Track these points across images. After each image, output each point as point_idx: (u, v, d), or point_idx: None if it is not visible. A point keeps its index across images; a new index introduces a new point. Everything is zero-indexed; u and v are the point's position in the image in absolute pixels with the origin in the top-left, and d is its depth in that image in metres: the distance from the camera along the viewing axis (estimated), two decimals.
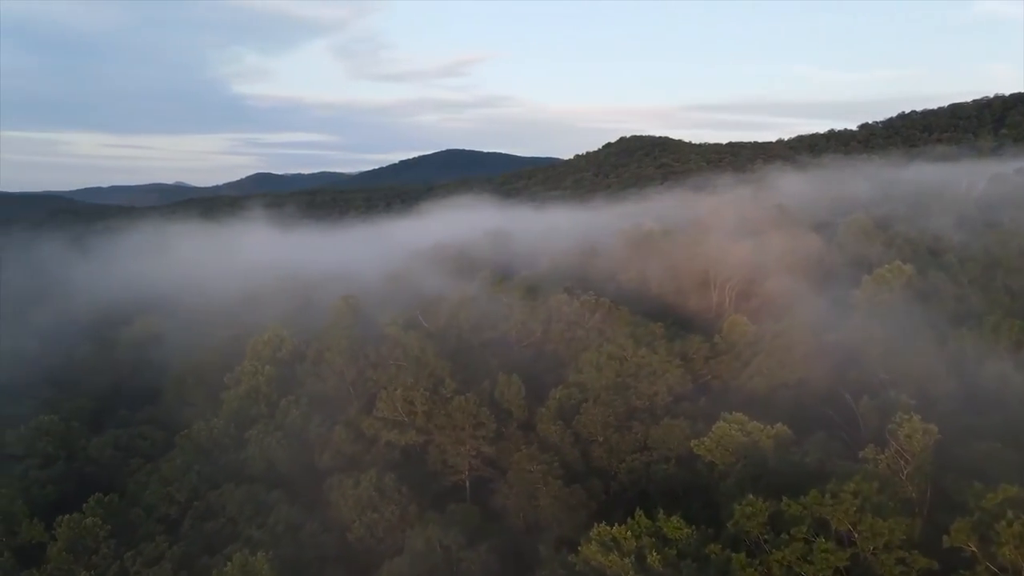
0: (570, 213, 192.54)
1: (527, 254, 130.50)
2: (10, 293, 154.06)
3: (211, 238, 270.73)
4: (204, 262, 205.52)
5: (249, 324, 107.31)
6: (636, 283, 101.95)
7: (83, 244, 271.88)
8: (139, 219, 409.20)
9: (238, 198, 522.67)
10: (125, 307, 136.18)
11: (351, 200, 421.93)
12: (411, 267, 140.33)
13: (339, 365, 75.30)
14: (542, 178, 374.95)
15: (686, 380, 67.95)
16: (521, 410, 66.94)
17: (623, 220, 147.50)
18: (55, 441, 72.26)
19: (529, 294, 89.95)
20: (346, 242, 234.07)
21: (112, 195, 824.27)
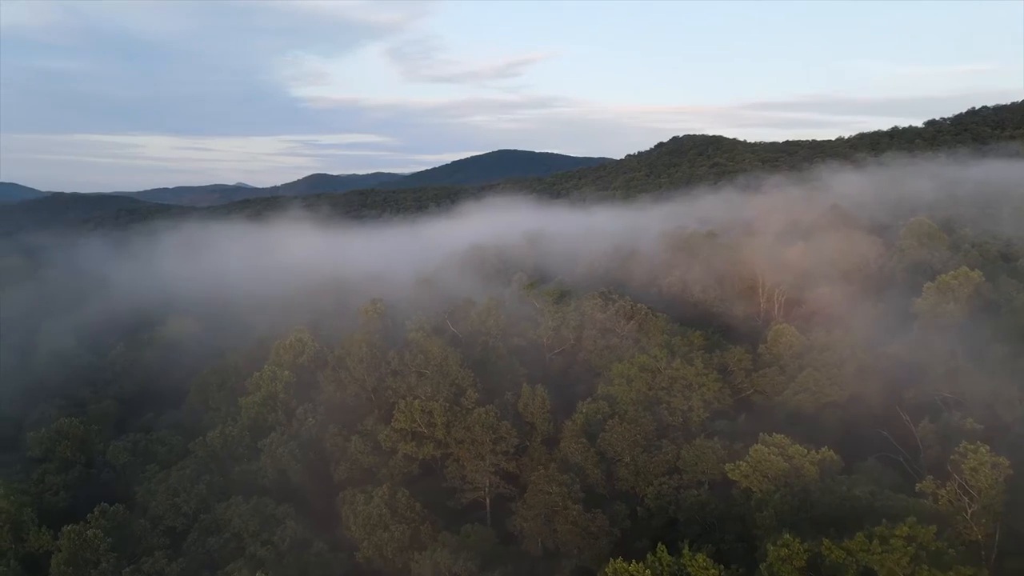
0: (616, 214, 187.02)
1: (567, 256, 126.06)
2: (62, 291, 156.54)
3: (260, 238, 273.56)
4: (250, 262, 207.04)
5: (280, 326, 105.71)
6: (678, 288, 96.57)
7: (140, 243, 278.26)
8: (196, 219, 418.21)
9: (291, 199, 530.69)
10: (166, 306, 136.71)
11: (401, 201, 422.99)
12: (447, 269, 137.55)
13: (359, 372, 72.27)
14: (592, 178, 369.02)
15: (724, 395, 62.74)
16: (546, 424, 62.73)
17: (669, 221, 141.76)
18: (74, 445, 71.03)
19: (562, 299, 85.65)
20: (391, 243, 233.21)
21: (177, 195, 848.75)
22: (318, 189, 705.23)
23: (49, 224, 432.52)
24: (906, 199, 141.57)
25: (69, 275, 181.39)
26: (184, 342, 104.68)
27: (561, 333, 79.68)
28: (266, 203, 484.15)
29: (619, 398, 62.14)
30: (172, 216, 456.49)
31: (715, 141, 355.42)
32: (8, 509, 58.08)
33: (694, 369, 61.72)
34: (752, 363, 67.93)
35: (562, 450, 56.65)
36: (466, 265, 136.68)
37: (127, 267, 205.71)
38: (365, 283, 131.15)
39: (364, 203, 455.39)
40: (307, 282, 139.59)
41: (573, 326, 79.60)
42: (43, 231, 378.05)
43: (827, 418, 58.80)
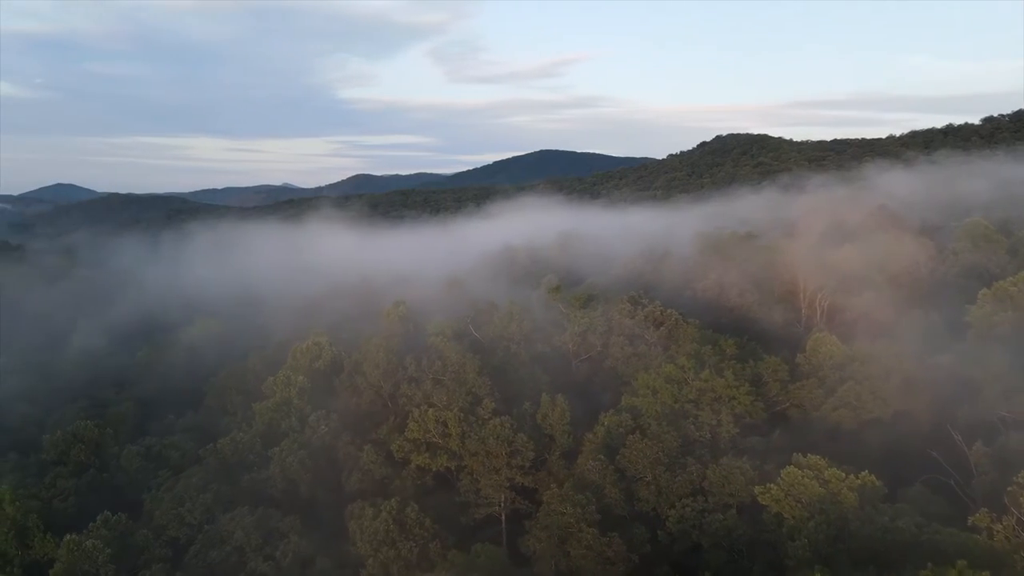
0: (654, 215, 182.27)
1: (601, 258, 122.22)
2: (100, 290, 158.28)
3: (298, 238, 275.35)
4: (285, 262, 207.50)
5: (305, 328, 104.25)
6: (713, 292, 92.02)
7: (183, 243, 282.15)
8: (239, 219, 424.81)
9: (332, 199, 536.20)
10: (198, 305, 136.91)
11: (440, 201, 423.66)
12: (479, 270, 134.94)
13: (375, 378, 69.80)
14: (633, 178, 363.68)
15: (757, 408, 58.49)
16: (566, 436, 59.28)
17: (707, 222, 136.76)
18: (88, 448, 69.90)
19: (589, 303, 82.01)
20: (427, 243, 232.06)
21: (224, 196, 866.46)
22: (361, 189, 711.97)
23: (103, 224, 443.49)
24: (960, 199, 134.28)
25: (109, 274, 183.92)
26: (210, 343, 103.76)
27: (587, 339, 76.12)
28: (308, 203, 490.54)
29: (643, 411, 58.40)
30: (217, 216, 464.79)
31: (760, 140, 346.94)
32: (13, 515, 56.91)
33: (724, 381, 57.62)
34: (789, 374, 63.46)
35: (579, 467, 53.11)
36: (498, 266, 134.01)
37: (167, 266, 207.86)
38: (396, 284, 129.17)
39: (404, 203, 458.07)
40: (337, 283, 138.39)
41: (600, 332, 75.98)
42: (96, 230, 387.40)
43: (869, 436, 54.23)
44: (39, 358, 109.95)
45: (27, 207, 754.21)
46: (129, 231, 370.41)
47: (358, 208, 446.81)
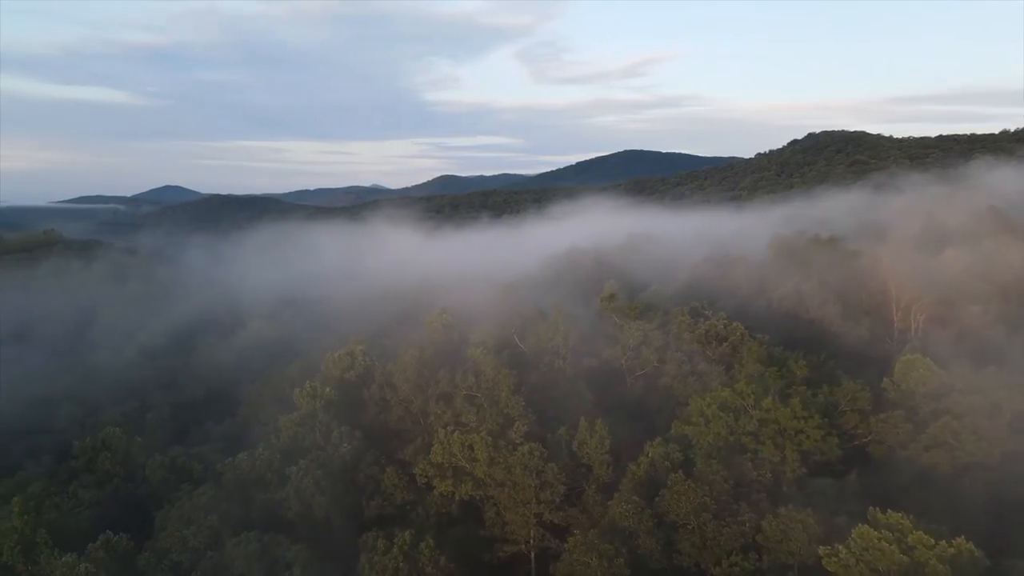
0: (736, 216, 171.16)
1: (670, 262, 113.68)
2: (173, 290, 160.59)
3: (375, 238, 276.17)
4: (357, 262, 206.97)
5: (353, 332, 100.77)
6: (790, 302, 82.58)
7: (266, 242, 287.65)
8: (324, 219, 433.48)
9: (415, 199, 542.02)
10: (263, 306, 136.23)
11: (520, 201, 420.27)
12: (541, 273, 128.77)
13: (405, 392, 64.51)
14: (718, 178, 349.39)
15: (830, 444, 49.78)
16: (604, 467, 52.26)
17: (791, 224, 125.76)
18: (115, 456, 67.51)
19: (645, 313, 74.34)
20: (500, 244, 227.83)
21: (317, 197, 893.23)
22: (447, 190, 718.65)
23: (203, 224, 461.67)
24: None
25: (187, 273, 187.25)
26: (260, 346, 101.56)
27: (642, 354, 68.57)
28: (391, 204, 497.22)
29: (694, 441, 50.74)
30: (305, 216, 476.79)
31: (856, 137, 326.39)
32: (21, 528, 54.43)
33: (790, 410, 49.25)
34: (871, 403, 54.27)
35: (612, 509, 46.01)
36: (562, 270, 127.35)
37: (244, 266, 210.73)
38: (456, 287, 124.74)
39: (484, 204, 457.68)
40: (398, 285, 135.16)
41: (656, 346, 68.29)
42: (194, 230, 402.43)
43: (969, 486, 44.92)
44: (98, 357, 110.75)
45: (138, 208, 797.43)
46: (224, 231, 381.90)
47: (438, 209, 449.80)
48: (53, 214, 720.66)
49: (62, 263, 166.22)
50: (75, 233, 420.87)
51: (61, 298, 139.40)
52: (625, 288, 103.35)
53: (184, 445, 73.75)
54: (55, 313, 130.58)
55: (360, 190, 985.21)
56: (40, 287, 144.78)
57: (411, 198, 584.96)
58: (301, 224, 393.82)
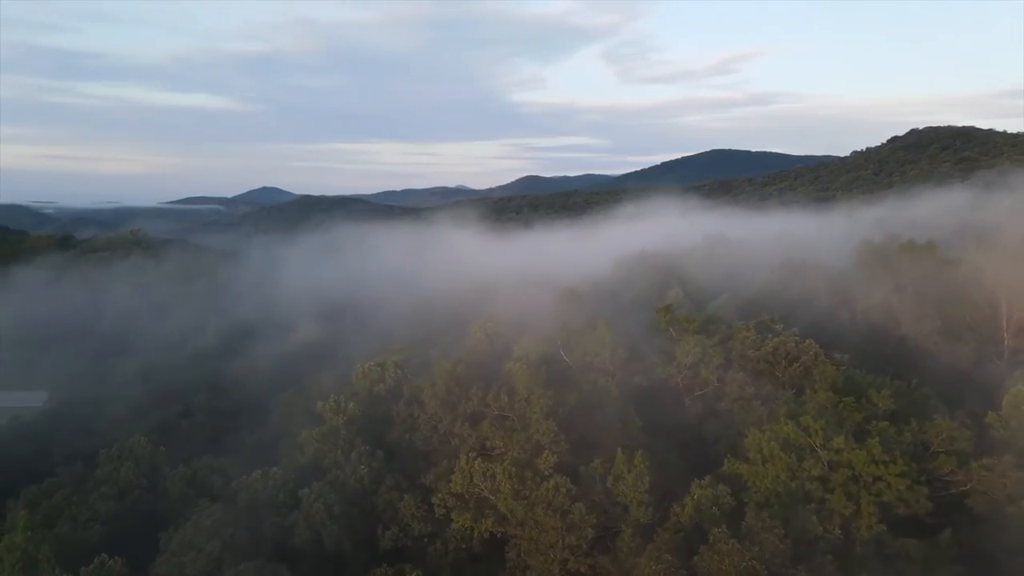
0: (825, 218, 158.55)
1: (744, 267, 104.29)
2: (241, 289, 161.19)
3: (450, 238, 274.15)
4: (428, 262, 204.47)
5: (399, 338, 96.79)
6: (878, 316, 72.73)
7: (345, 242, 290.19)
8: (407, 220, 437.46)
9: (498, 199, 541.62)
10: (323, 307, 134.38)
11: (601, 202, 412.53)
12: (608, 277, 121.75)
13: (433, 409, 59.04)
14: (809, 178, 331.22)
15: (918, 495, 41.05)
16: (642, 509, 45.14)
17: (884, 227, 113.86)
18: (138, 468, 64.81)
19: (706, 327, 66.39)
20: (573, 245, 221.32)
21: (403, 197, 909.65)
22: (530, 190, 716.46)
23: (294, 224, 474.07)
24: None
25: (258, 274, 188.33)
26: (308, 350, 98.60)
27: (700, 373, 60.80)
28: (473, 204, 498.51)
29: (749, 483, 43.03)
30: (390, 217, 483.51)
31: (965, 133, 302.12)
32: (23, 545, 51.90)
33: (867, 452, 40.85)
34: (973, 443, 45.01)
35: (641, 569, 38.91)
36: (630, 274, 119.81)
37: (315, 266, 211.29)
38: (518, 290, 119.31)
39: (565, 204, 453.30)
40: (458, 288, 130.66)
41: (716, 365, 60.38)
42: (283, 230, 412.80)
43: None
44: (155, 358, 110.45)
45: (236, 208, 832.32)
46: (309, 231, 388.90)
47: (518, 209, 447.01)
48: (161, 214, 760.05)
49: (139, 263, 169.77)
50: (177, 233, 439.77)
51: (129, 297, 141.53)
52: (692, 296, 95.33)
53: (214, 455, 70.54)
54: (119, 312, 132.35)
55: (445, 191, 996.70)
56: (110, 286, 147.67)
57: (492, 199, 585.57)
58: (382, 225, 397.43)
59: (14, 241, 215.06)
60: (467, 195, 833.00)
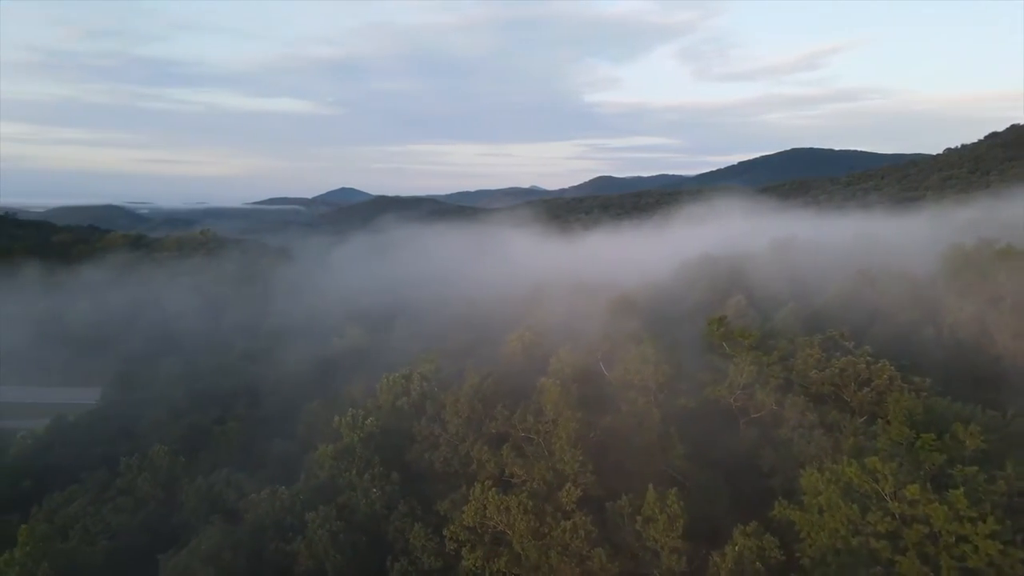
0: (912, 220, 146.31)
1: (817, 273, 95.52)
2: (298, 290, 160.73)
3: (517, 239, 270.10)
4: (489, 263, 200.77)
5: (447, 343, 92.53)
6: (969, 332, 63.84)
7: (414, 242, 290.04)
8: (474, 220, 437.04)
9: (569, 200, 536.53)
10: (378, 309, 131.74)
11: (673, 203, 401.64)
12: (668, 281, 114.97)
13: (455, 428, 54.09)
14: (897, 177, 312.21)
15: (1012, 562, 33.49)
16: (675, 558, 38.88)
17: (979, 230, 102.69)
18: (155, 478, 62.32)
19: (766, 341, 59.20)
20: (639, 246, 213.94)
21: (476, 198, 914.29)
22: (603, 191, 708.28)
23: (367, 224, 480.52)
24: None
25: (320, 274, 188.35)
26: (350, 356, 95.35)
27: (755, 395, 53.84)
28: (543, 205, 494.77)
29: (801, 535, 36.30)
30: (462, 217, 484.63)
31: None
32: (22, 561, 49.53)
33: (948, 506, 33.55)
34: None
35: None
36: (693, 278, 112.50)
37: (378, 266, 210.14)
38: (574, 294, 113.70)
39: (636, 205, 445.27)
40: (514, 291, 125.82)
41: (774, 386, 53.34)
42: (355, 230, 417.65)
43: None
44: (203, 359, 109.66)
45: (316, 208, 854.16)
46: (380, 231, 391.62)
47: (588, 210, 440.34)
48: (244, 215, 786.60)
49: (202, 262, 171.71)
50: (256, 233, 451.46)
51: (187, 297, 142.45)
52: (757, 304, 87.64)
53: (238, 466, 67.61)
54: (176, 311, 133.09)
55: (518, 191, 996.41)
56: (170, 286, 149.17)
57: (563, 200, 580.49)
58: (450, 225, 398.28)
59: (93, 240, 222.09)
60: (540, 195, 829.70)
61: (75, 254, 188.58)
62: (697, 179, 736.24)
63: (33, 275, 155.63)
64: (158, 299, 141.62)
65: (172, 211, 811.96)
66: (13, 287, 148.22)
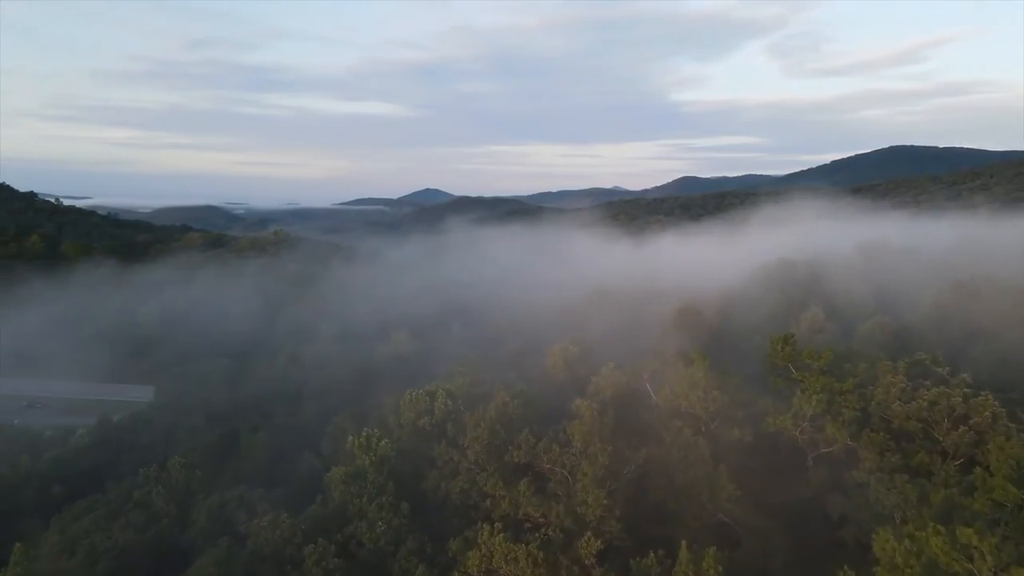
0: (1019, 224, 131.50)
1: (909, 284, 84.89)
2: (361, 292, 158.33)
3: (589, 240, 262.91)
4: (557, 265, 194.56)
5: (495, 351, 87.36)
6: None
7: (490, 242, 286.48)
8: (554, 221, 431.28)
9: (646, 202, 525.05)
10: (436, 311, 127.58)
11: (757, 204, 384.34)
12: (740, 288, 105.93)
13: (475, 455, 48.20)
14: (1009, 175, 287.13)
15: None
16: None
17: None
18: (169, 493, 59.06)
19: (840, 365, 50.73)
20: (713, 249, 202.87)
21: (558, 199, 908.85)
22: (686, 191, 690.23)
23: (446, 224, 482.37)
24: None
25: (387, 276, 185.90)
26: (392, 363, 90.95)
27: (826, 428, 45.77)
28: (623, 205, 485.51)
29: None
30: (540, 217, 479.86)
31: None
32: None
33: None
34: None
35: None
36: (766, 286, 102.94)
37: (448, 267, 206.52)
38: (635, 300, 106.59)
39: (719, 205, 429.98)
40: (577, 295, 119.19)
41: (848, 418, 45.13)
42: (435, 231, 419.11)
43: None
44: (257, 362, 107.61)
45: (400, 209, 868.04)
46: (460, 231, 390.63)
47: (668, 211, 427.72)
48: (332, 215, 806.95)
49: (269, 263, 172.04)
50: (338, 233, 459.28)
51: (248, 296, 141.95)
52: (837, 316, 78.26)
53: (262, 480, 63.84)
54: (235, 311, 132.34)
55: (600, 192, 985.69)
56: (234, 286, 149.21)
57: (644, 200, 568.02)
58: (527, 225, 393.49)
59: (172, 240, 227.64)
60: (623, 196, 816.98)
61: (152, 253, 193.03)
62: (785, 179, 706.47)
63: (107, 273, 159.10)
64: (220, 299, 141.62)
65: (265, 211, 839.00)
66: (86, 284, 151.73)
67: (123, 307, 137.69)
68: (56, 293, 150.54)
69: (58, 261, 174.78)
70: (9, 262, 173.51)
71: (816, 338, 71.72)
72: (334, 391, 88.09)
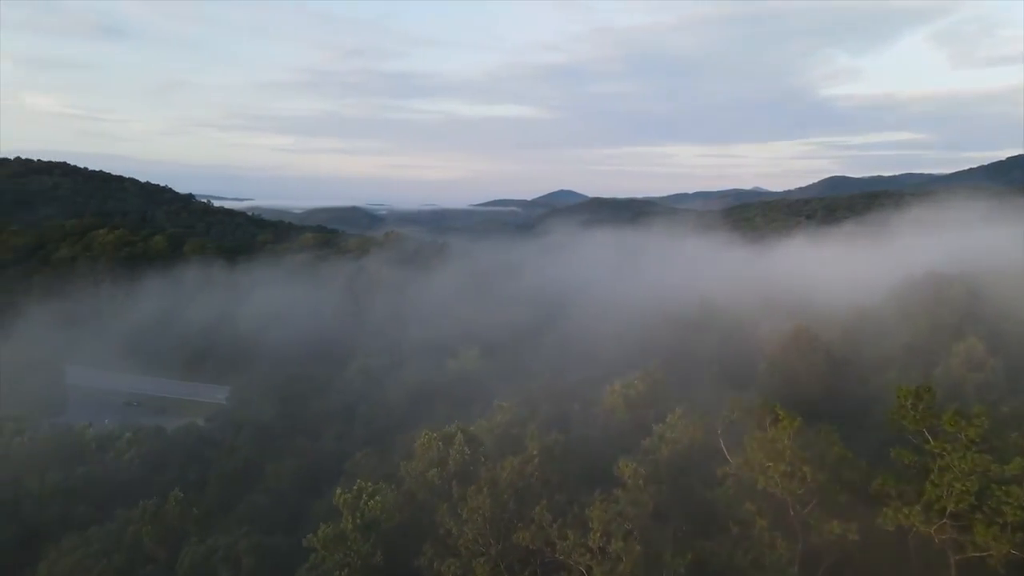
0: None
1: None
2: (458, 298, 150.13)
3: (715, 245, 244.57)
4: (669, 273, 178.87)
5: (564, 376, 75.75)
6: None
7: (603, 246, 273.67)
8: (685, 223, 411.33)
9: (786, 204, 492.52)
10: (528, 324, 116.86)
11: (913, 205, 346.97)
12: (879, 307, 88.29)
13: (479, 528, 36.65)
14: None
15: None
16: None
17: None
18: (159, 533, 51.69)
19: (1002, 432, 35.09)
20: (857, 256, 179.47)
21: (694, 200, 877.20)
22: (834, 191, 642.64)
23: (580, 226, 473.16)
24: None
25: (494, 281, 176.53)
26: (453, 386, 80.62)
27: (974, 530, 30.83)
28: (761, 207, 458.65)
29: None
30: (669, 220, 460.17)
31: None
32: None
33: None
34: None
35: None
36: (911, 306, 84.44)
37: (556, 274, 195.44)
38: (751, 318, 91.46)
39: (868, 207, 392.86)
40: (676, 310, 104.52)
41: (1014, 521, 29.96)
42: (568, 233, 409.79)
43: None
44: (329, 371, 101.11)
45: (533, 210, 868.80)
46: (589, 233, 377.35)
47: (809, 213, 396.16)
48: (468, 216, 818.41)
49: (368, 264, 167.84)
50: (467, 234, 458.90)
51: (339, 301, 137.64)
52: (1002, 351, 60.40)
53: (271, 520, 55.72)
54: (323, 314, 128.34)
55: (739, 193, 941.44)
56: (327, 289, 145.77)
57: (785, 202, 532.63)
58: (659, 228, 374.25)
59: (288, 240, 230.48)
60: (763, 197, 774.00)
61: (266, 252, 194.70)
62: (949, 178, 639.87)
63: (214, 273, 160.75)
64: (311, 301, 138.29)
65: (405, 212, 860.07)
66: (191, 283, 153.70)
67: (217, 307, 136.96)
68: (163, 291, 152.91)
69: (175, 260, 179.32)
70: (134, 260, 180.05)
71: (971, 379, 54.88)
72: (383, 414, 79.18)
